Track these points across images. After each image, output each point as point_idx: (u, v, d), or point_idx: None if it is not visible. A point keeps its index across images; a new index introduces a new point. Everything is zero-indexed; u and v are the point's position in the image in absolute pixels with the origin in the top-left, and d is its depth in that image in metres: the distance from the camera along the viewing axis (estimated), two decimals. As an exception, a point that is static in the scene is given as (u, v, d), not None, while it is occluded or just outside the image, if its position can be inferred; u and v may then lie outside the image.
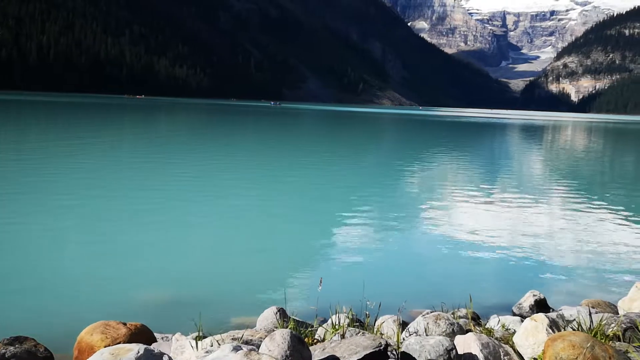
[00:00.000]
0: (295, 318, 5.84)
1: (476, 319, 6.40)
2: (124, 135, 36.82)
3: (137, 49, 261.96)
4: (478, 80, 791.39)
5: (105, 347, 4.81)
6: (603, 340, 4.63)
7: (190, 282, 7.77)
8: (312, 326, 5.65)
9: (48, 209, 11.81)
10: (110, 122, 51.62)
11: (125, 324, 5.27)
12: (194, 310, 6.04)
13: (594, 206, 15.20)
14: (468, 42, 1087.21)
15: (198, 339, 4.90)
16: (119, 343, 4.87)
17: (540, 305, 7.05)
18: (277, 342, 4.05)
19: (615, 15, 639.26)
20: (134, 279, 7.77)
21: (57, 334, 5.64)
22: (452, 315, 6.13)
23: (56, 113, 61.90)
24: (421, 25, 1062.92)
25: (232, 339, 4.91)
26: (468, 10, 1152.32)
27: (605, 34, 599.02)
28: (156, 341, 5.35)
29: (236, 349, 3.92)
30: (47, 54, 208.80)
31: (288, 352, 3.98)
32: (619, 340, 4.81)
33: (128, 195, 13.95)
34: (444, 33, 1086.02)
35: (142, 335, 5.24)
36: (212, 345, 4.65)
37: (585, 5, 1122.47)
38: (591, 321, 5.15)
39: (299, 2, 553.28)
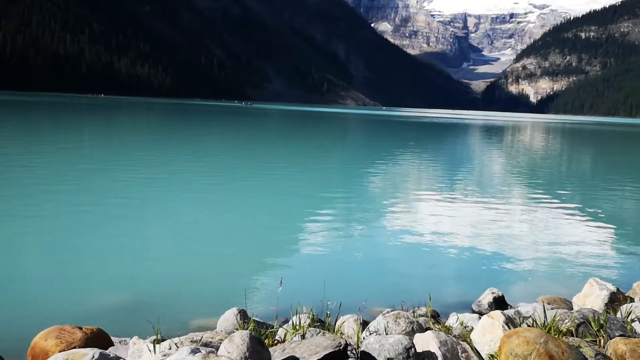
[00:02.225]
0: (256, 319, 5.81)
1: (436, 317, 6.48)
2: (82, 135, 36.05)
3: (97, 47, 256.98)
4: (440, 81, 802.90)
5: (59, 352, 4.71)
6: (557, 336, 4.67)
7: (149, 284, 7.63)
8: (273, 327, 5.62)
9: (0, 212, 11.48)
10: (69, 122, 50.49)
11: (80, 328, 5.16)
12: (153, 313, 5.95)
13: (551, 205, 15.56)
14: (430, 44, 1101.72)
15: (156, 342, 4.82)
16: (74, 348, 4.77)
17: (499, 303, 7.17)
18: (236, 344, 4.04)
19: (572, 18, 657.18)
20: (91, 282, 7.59)
21: (9, 339, 5.49)
22: (412, 314, 6.18)
23: (8, 113, 60.19)
24: (384, 27, 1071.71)
25: (191, 341, 4.85)
26: (430, 12, 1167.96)
27: (562, 36, 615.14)
28: (113, 345, 5.25)
29: (194, 351, 3.92)
30: (3, 52, 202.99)
31: (247, 353, 3.98)
32: (573, 336, 4.93)
33: (83, 197, 13.64)
34: (407, 34, 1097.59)
35: (98, 339, 5.14)
36: (170, 348, 4.60)
37: (543, 8, 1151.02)
38: (545, 317, 5.27)
39: (263, 2, 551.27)
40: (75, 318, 5.68)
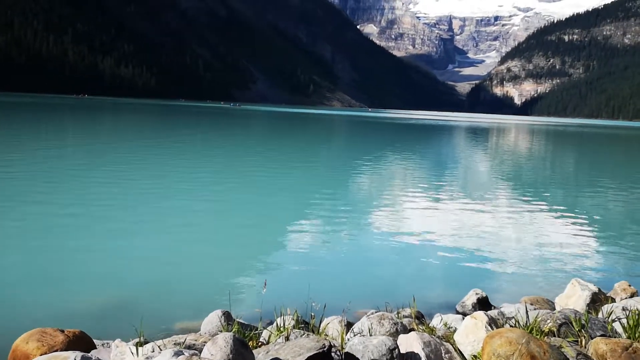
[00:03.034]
0: (240, 321, 5.79)
1: (420, 318, 6.50)
2: (65, 137, 35.72)
3: (81, 48, 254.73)
4: (426, 82, 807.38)
5: (41, 355, 4.67)
6: (539, 336, 4.72)
7: (132, 286, 7.57)
8: (257, 329, 5.61)
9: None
10: (51, 123, 50.01)
11: (62, 331, 5.10)
12: (136, 315, 5.90)
13: (535, 206, 15.70)
14: (416, 46, 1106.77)
15: (139, 344, 4.78)
16: (55, 351, 4.73)
17: (483, 303, 7.22)
18: (219, 346, 4.02)
19: (555, 21, 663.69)
20: (73, 284, 7.51)
21: (-10, 343, 5.41)
22: (396, 315, 6.21)
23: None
24: (370, 29, 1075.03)
25: (175, 344, 4.83)
26: (416, 14, 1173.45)
27: (546, 39, 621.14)
28: (95, 348, 5.20)
29: (177, 354, 3.92)
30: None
31: (230, 355, 3.97)
32: (555, 336, 4.98)
33: (65, 199, 13.52)
34: (393, 36, 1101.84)
35: (80, 342, 5.09)
36: (153, 351, 4.59)
37: (527, 11, 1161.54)
38: (528, 318, 5.32)
39: (248, 3, 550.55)
40: (57, 321, 5.62)
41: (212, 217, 12.41)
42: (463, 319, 5.68)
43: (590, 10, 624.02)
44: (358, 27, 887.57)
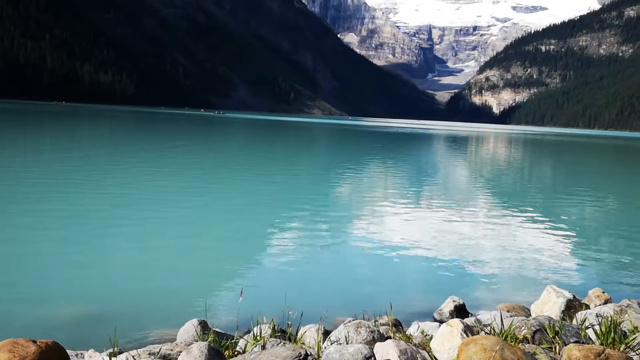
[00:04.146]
0: (216, 330, 5.75)
1: (398, 326, 6.51)
2: (42, 145, 35.25)
3: (59, 54, 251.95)
4: (406, 91, 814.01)
5: (12, 366, 4.60)
6: (513, 343, 4.76)
7: (106, 295, 7.44)
8: (234, 338, 5.57)
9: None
10: (27, 131, 49.34)
11: (35, 342, 5.00)
12: (110, 325, 5.82)
13: (512, 214, 15.87)
14: (396, 55, 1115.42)
15: (112, 355, 4.72)
16: (27, 362, 4.63)
17: (460, 311, 7.26)
18: (193, 356, 4.01)
19: (532, 32, 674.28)
20: (46, 293, 7.37)
21: (-41, 355, 5.28)
22: (373, 323, 6.21)
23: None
24: (351, 38, 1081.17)
25: (149, 353, 4.78)
26: (396, 23, 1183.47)
27: (523, 49, 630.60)
28: (69, 359, 5.11)
29: (151, 364, 3.84)
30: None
31: (205, 365, 3.93)
32: (529, 343, 5.03)
33: (37, 207, 13.31)
34: (373, 45, 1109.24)
35: (53, 353, 4.99)
36: (127, 361, 4.61)
37: (505, 21, 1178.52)
38: (503, 325, 5.36)
39: (228, 10, 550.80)
40: (29, 331, 5.53)
41: (188, 226, 12.30)
42: (440, 326, 5.70)
43: (566, 21, 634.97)
44: (339, 35, 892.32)
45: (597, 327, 5.34)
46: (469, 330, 4.82)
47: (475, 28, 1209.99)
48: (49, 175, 19.04)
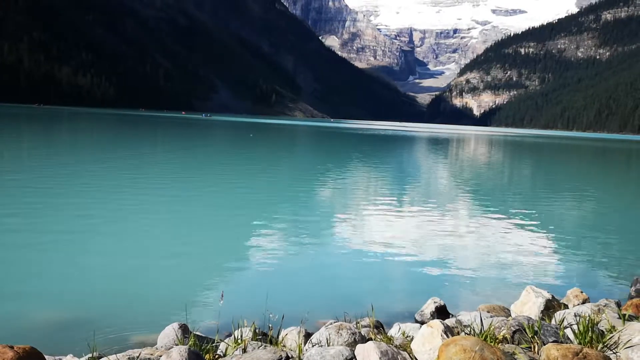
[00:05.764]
0: (197, 334, 5.71)
1: (379, 328, 6.52)
2: (19, 148, 34.76)
3: (37, 56, 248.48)
4: (387, 93, 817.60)
5: (-12, 373, 4.61)
6: (493, 343, 4.79)
7: (85, 299, 7.35)
8: (214, 341, 5.54)
9: None
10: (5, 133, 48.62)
11: (12, 347, 4.93)
12: (89, 330, 5.76)
13: (492, 215, 16.00)
14: (377, 57, 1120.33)
15: (91, 360, 4.67)
16: (4, 368, 4.59)
17: (441, 312, 7.29)
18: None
19: (512, 35, 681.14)
20: (23, 298, 7.27)
21: None
22: (355, 325, 6.21)
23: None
24: (332, 40, 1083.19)
25: (129, 358, 4.73)
26: (377, 26, 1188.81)
27: (503, 52, 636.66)
28: (46, 364, 5.04)
29: (130, 368, 3.79)
30: None
31: (185, 369, 3.88)
32: (509, 343, 5.07)
33: (14, 210, 13.12)
34: (355, 48, 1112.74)
35: (30, 358, 4.92)
36: (105, 366, 4.60)
37: (485, 24, 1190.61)
38: (482, 325, 5.40)
39: (208, 12, 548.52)
40: (6, 336, 5.44)
41: (168, 229, 12.21)
42: (421, 327, 5.72)
43: (545, 24, 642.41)
44: (320, 38, 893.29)
45: (575, 327, 5.41)
46: (449, 331, 4.85)
47: (455, 31, 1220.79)
48: (26, 182, 18.78)
